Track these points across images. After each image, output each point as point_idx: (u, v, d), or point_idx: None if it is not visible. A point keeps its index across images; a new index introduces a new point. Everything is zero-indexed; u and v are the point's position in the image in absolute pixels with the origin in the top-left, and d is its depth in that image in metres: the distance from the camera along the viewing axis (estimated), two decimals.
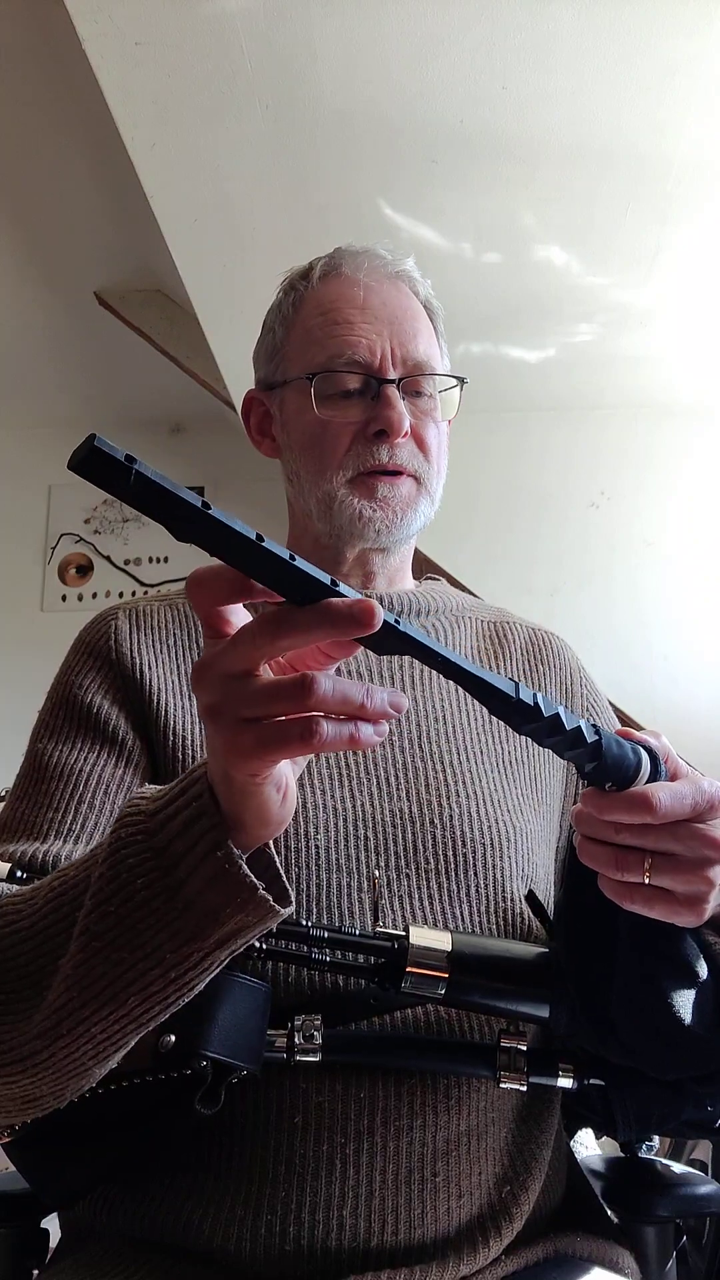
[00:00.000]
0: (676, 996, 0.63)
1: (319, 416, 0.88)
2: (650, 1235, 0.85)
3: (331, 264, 0.93)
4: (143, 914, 0.53)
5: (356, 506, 0.88)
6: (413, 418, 0.89)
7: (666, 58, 1.86)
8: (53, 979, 0.57)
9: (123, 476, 0.39)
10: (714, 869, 0.54)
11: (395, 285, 0.92)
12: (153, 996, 0.55)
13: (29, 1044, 0.58)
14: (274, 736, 0.46)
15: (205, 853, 0.51)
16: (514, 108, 1.98)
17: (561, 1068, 0.73)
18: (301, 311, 0.93)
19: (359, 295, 0.90)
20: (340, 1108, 0.70)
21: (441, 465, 0.93)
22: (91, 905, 0.55)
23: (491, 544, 2.97)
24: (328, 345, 0.88)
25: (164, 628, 0.89)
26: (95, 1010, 0.55)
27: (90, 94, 1.98)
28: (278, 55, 1.87)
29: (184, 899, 0.52)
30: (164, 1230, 0.70)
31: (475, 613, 1.00)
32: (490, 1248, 0.70)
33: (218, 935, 0.53)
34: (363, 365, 0.87)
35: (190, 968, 0.54)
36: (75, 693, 0.84)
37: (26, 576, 3.72)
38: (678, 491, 2.99)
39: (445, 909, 0.77)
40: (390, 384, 0.87)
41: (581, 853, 0.56)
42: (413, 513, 0.90)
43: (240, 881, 0.51)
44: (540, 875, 0.84)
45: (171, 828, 0.53)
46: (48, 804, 0.77)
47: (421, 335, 0.90)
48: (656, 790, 0.53)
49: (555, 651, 0.98)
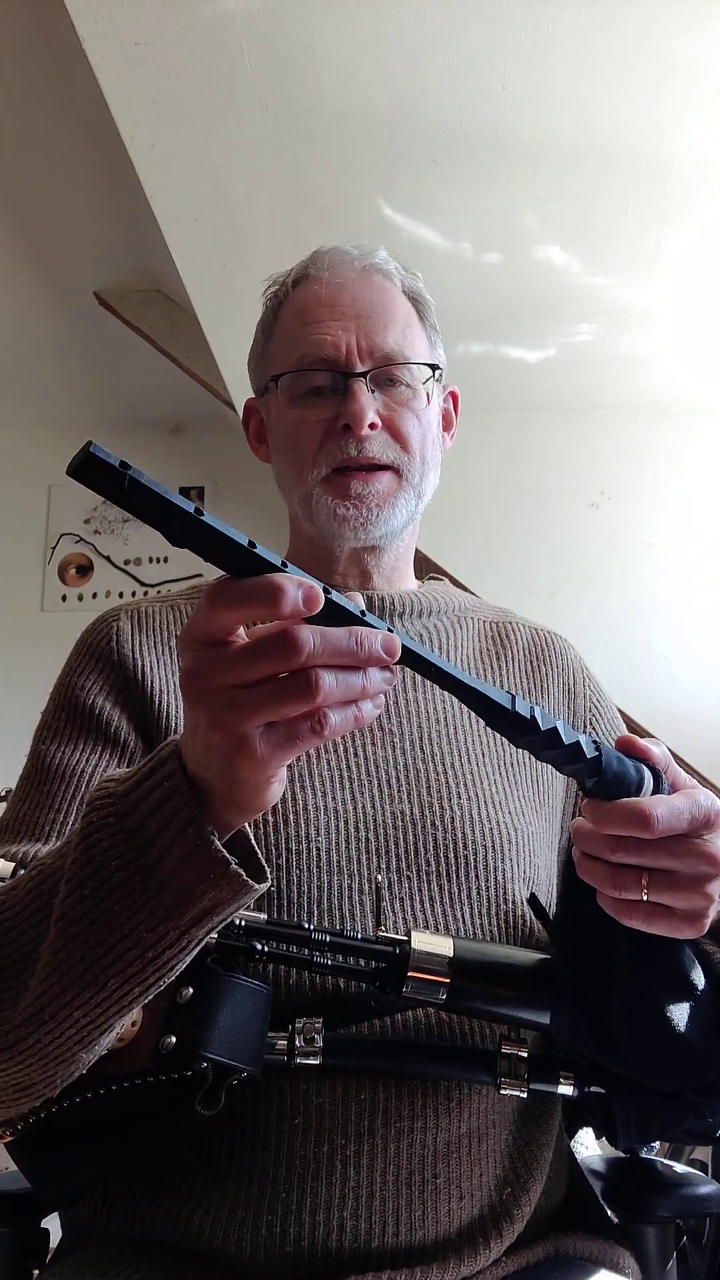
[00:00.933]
0: (674, 1008, 0.63)
1: (292, 416, 0.89)
2: (650, 1235, 0.85)
3: (304, 268, 0.95)
4: (118, 896, 0.53)
5: (330, 505, 0.88)
6: (386, 409, 0.89)
7: (666, 57, 1.86)
8: (34, 966, 0.57)
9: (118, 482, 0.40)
10: (712, 884, 0.54)
11: (366, 279, 0.92)
12: (132, 978, 0.55)
13: (14, 1031, 0.58)
14: (286, 737, 0.46)
15: (178, 831, 0.51)
16: (514, 108, 1.97)
17: (562, 1075, 0.73)
18: (280, 317, 0.94)
19: (327, 294, 0.91)
20: (341, 1109, 0.70)
21: (426, 455, 0.92)
22: (67, 891, 0.55)
23: (491, 544, 2.97)
24: (298, 346, 0.89)
25: (165, 629, 0.89)
26: (76, 994, 0.55)
27: (90, 94, 1.98)
28: (278, 55, 1.87)
29: (158, 879, 0.52)
30: (165, 1231, 0.70)
31: (477, 613, 1.00)
32: (491, 1249, 0.70)
33: (192, 913, 0.53)
34: (329, 361, 0.88)
35: (167, 947, 0.54)
36: (77, 694, 0.84)
37: (26, 576, 3.72)
38: (678, 491, 2.99)
39: (446, 911, 0.77)
40: (356, 378, 0.87)
41: (580, 869, 0.56)
42: (390, 508, 0.89)
43: (213, 857, 0.51)
44: (542, 877, 0.84)
45: (143, 808, 0.53)
46: (50, 805, 0.77)
47: (394, 326, 0.90)
48: (653, 805, 0.53)
49: (558, 652, 0.98)
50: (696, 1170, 0.86)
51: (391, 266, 0.95)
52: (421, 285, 0.97)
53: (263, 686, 0.45)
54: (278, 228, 2.24)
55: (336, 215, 2.24)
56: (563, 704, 0.94)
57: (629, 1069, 0.69)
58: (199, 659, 0.46)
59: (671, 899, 0.54)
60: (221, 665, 0.46)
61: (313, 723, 0.45)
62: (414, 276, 0.96)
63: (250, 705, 0.45)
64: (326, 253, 0.94)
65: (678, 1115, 0.73)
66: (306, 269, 0.94)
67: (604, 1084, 0.73)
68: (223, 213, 2.24)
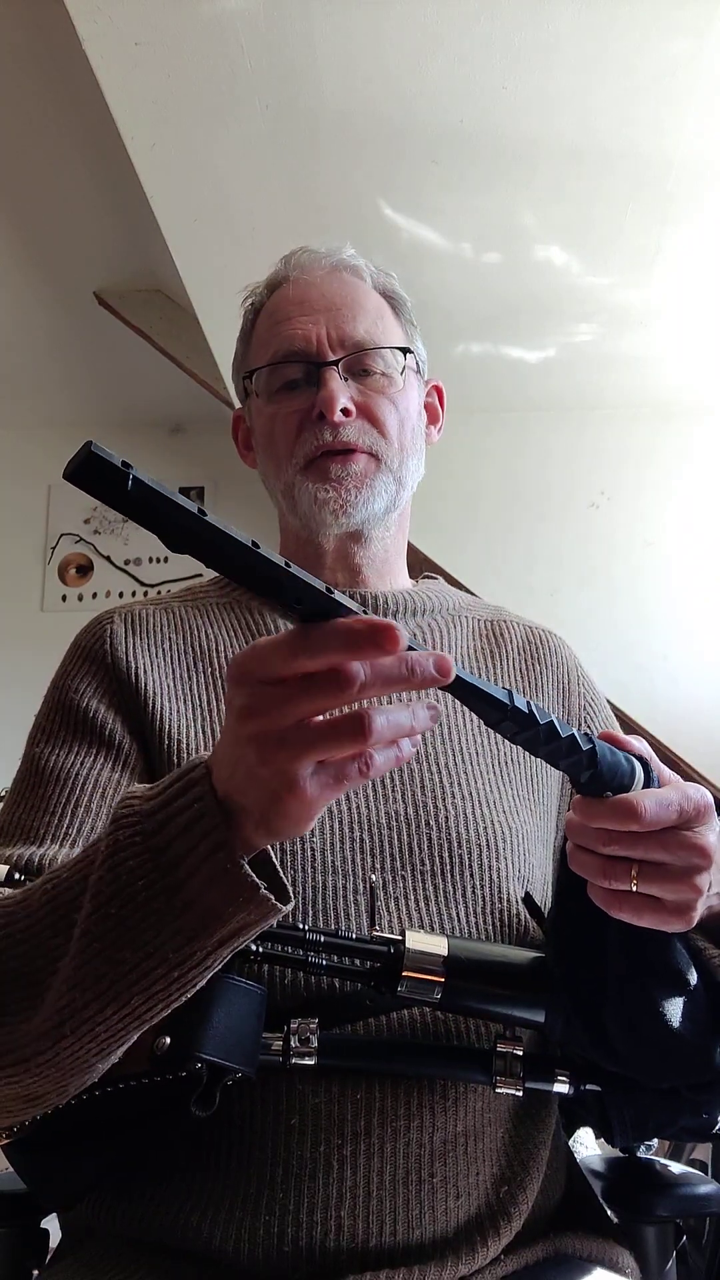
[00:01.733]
0: (668, 1005, 0.63)
1: (268, 411, 0.91)
2: (650, 1235, 0.85)
3: (276, 274, 0.97)
4: (143, 914, 0.53)
5: (311, 490, 0.89)
6: (361, 396, 0.90)
7: (667, 58, 1.86)
8: (51, 980, 0.57)
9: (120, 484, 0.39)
10: (701, 876, 0.54)
11: (334, 276, 0.94)
12: (156, 995, 0.55)
13: (32, 1044, 0.58)
14: (334, 777, 0.47)
15: (207, 853, 0.51)
16: (514, 108, 1.97)
17: (558, 1073, 0.73)
18: (256, 323, 0.97)
19: (296, 293, 0.93)
20: (337, 1109, 0.70)
21: (405, 442, 0.92)
22: (92, 908, 0.55)
23: (491, 544, 2.97)
24: (271, 344, 0.92)
25: (159, 631, 0.89)
26: (99, 1010, 0.55)
27: (90, 94, 1.98)
28: (278, 55, 1.87)
29: (184, 899, 0.52)
30: (163, 1231, 0.70)
31: (472, 611, 1.00)
32: (489, 1248, 0.70)
33: (220, 934, 0.53)
34: (300, 354, 0.90)
35: (193, 966, 0.54)
36: (71, 696, 0.84)
37: (26, 576, 3.72)
38: (678, 491, 2.99)
39: (441, 910, 0.77)
40: (327, 366, 0.88)
41: (571, 861, 0.56)
42: (369, 490, 0.89)
43: (242, 881, 0.51)
44: (537, 876, 0.84)
45: (171, 829, 0.53)
46: (44, 808, 0.77)
47: (363, 317, 0.91)
48: (642, 798, 0.53)
49: (552, 650, 0.98)
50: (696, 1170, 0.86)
51: (360, 263, 0.96)
52: (395, 283, 0.98)
53: (315, 726, 0.46)
54: (278, 228, 2.24)
55: (336, 215, 2.24)
56: (557, 702, 0.95)
57: (624, 1066, 0.68)
58: (255, 696, 0.47)
59: (661, 890, 0.54)
60: (279, 704, 0.46)
61: (360, 764, 0.47)
62: (387, 275, 0.98)
63: (302, 746, 0.46)
64: (296, 254, 0.97)
65: (674, 1113, 0.73)
66: (278, 273, 0.97)
67: (600, 1082, 0.73)
68: (223, 213, 2.24)
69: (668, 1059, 0.66)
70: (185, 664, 0.87)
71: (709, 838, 0.54)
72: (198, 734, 0.82)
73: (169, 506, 0.40)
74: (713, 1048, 0.66)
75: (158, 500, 0.40)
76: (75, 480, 0.39)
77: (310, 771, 0.47)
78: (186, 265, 2.40)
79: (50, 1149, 0.70)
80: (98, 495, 0.40)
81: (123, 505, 0.40)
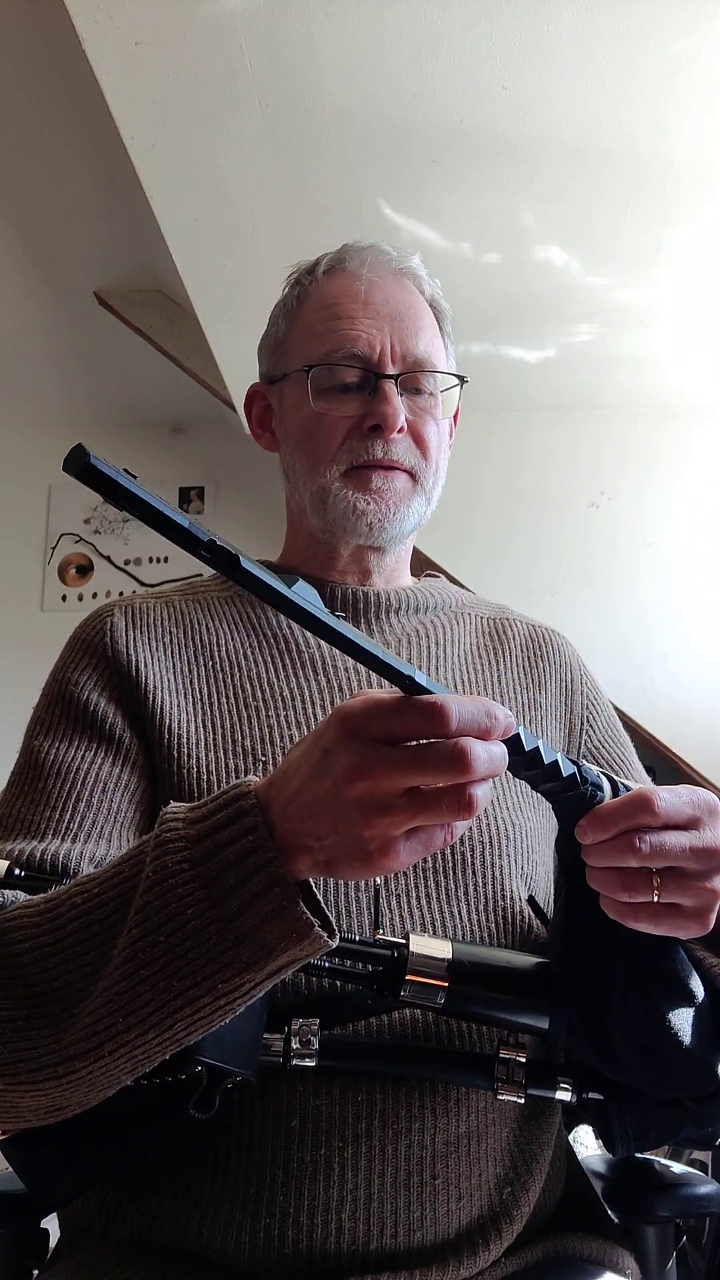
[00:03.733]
0: (673, 1017, 0.63)
1: (315, 410, 0.88)
2: (650, 1235, 0.85)
3: (336, 259, 0.93)
4: (193, 944, 0.54)
5: (350, 499, 0.87)
6: (411, 414, 0.89)
7: (667, 58, 1.86)
8: (83, 997, 0.57)
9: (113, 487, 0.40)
10: (716, 878, 0.55)
11: (400, 282, 0.92)
12: (199, 1021, 0.56)
13: (65, 1062, 0.58)
14: (424, 844, 0.49)
15: (262, 889, 0.52)
16: (515, 108, 1.97)
17: (560, 1081, 0.72)
18: (305, 306, 0.93)
19: (361, 290, 0.90)
20: (338, 1111, 0.70)
21: (440, 464, 0.92)
22: (139, 934, 0.55)
23: (491, 544, 2.97)
24: (328, 339, 0.88)
25: (160, 625, 0.88)
26: (140, 1034, 0.56)
27: (90, 94, 1.98)
28: (278, 55, 1.86)
29: (236, 931, 0.53)
30: (163, 1233, 0.70)
31: (475, 609, 0.99)
32: (490, 1249, 0.70)
33: (270, 967, 0.54)
34: (361, 359, 0.87)
35: (240, 996, 0.55)
36: (71, 689, 0.83)
37: (26, 576, 3.72)
38: (678, 491, 2.99)
39: (443, 907, 0.77)
40: (388, 379, 0.87)
41: (591, 878, 0.56)
42: (406, 508, 0.89)
43: (298, 919, 0.52)
44: (540, 873, 0.83)
45: (223, 858, 0.53)
46: (45, 802, 0.77)
47: (424, 333, 0.90)
48: (655, 792, 0.53)
49: (555, 648, 0.98)
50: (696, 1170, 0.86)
51: (423, 273, 0.95)
52: (441, 294, 0.96)
53: (423, 794, 0.47)
54: (278, 228, 2.24)
55: (337, 215, 2.23)
56: (560, 701, 0.94)
57: (626, 1076, 0.68)
58: (366, 756, 0.47)
59: (682, 896, 0.54)
60: (391, 770, 0.47)
61: (448, 833, 0.48)
62: (436, 284, 0.96)
63: (409, 815, 0.47)
64: (364, 249, 0.93)
65: (676, 1123, 0.72)
66: (340, 261, 0.93)
67: (602, 1090, 0.73)
68: (223, 213, 2.24)
69: (669, 1070, 0.66)
70: (186, 658, 0.86)
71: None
72: (197, 728, 0.81)
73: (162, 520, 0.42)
74: (715, 1061, 0.65)
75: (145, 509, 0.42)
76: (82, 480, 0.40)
77: (404, 837, 0.48)
78: (186, 265, 2.40)
79: (48, 1146, 0.70)
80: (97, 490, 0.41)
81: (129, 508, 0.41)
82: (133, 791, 0.79)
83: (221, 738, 0.81)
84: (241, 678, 0.85)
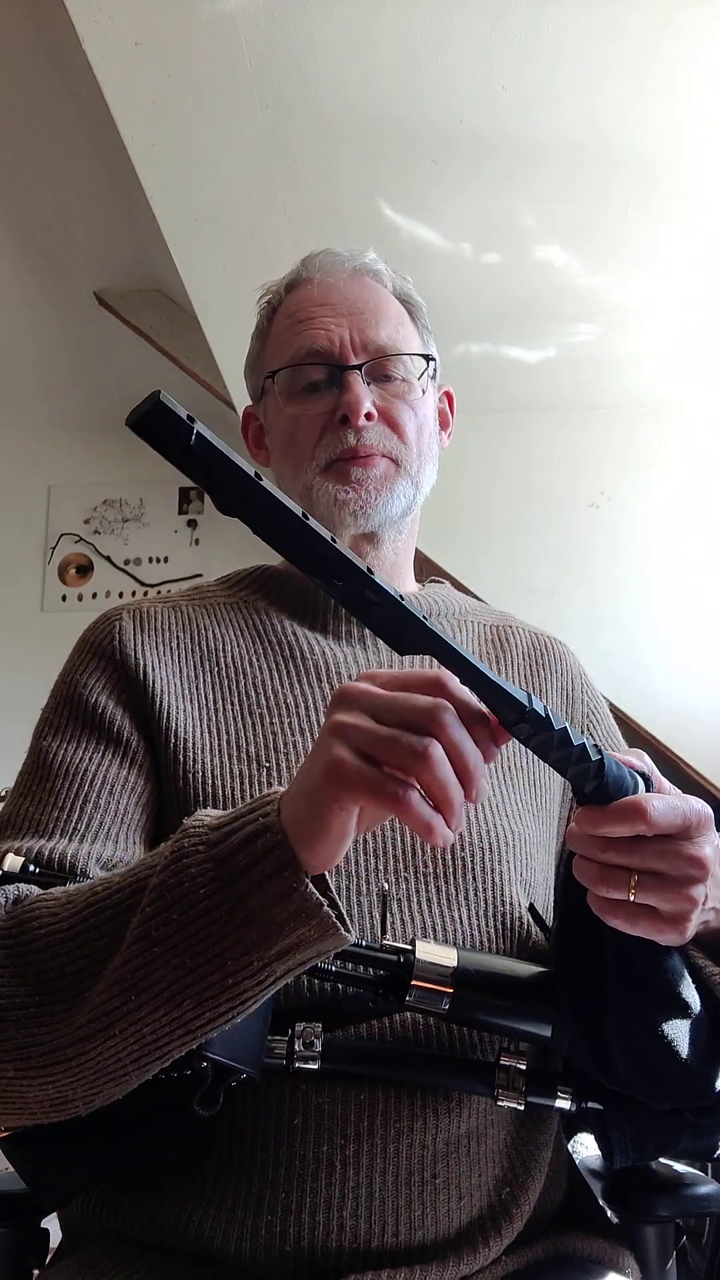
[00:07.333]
0: (668, 1027, 0.63)
1: (289, 413, 0.91)
2: (650, 1235, 0.85)
3: (296, 273, 0.97)
4: (204, 921, 0.55)
5: (331, 491, 0.89)
6: (382, 401, 0.90)
7: (667, 58, 1.86)
8: (95, 980, 0.58)
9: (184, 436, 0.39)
10: (697, 888, 0.54)
11: (357, 279, 0.94)
12: (207, 1001, 0.56)
13: (74, 1044, 0.59)
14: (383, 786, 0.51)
15: (272, 871, 0.54)
16: (514, 108, 1.97)
17: (560, 1090, 0.72)
18: (274, 321, 0.96)
19: (319, 293, 0.93)
20: (340, 1109, 0.70)
21: (423, 448, 0.93)
22: (152, 911, 0.57)
23: (492, 544, 2.97)
24: (293, 344, 0.91)
25: (167, 629, 0.89)
26: (150, 1011, 0.57)
27: (90, 94, 1.98)
28: (278, 55, 1.87)
29: (246, 910, 0.54)
30: (164, 1231, 0.70)
31: (478, 616, 1.00)
32: (490, 1248, 0.70)
33: (279, 947, 0.55)
34: (323, 354, 0.90)
35: (248, 976, 0.56)
36: (79, 691, 0.84)
37: (26, 576, 3.72)
38: (678, 491, 2.99)
39: (444, 913, 0.77)
40: (351, 370, 0.89)
41: (575, 868, 0.56)
42: (389, 492, 0.90)
43: (306, 899, 0.53)
44: (539, 880, 0.84)
45: (234, 840, 0.55)
46: (53, 802, 0.77)
47: (386, 322, 0.92)
48: (650, 799, 0.53)
49: (557, 656, 0.98)
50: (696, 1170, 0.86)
51: (381, 267, 0.97)
52: (412, 289, 0.98)
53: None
54: (278, 228, 2.24)
55: (336, 215, 2.23)
56: (561, 708, 0.95)
57: (625, 1086, 0.68)
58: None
59: (658, 900, 0.54)
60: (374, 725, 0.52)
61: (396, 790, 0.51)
62: (404, 280, 0.98)
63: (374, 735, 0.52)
64: (317, 256, 0.96)
65: (675, 1134, 0.72)
66: (299, 274, 0.96)
67: (601, 1100, 0.73)
68: (223, 213, 2.24)
69: (667, 1081, 0.66)
70: (192, 663, 0.87)
71: (706, 850, 0.54)
72: (203, 733, 0.82)
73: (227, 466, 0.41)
74: (712, 1074, 0.66)
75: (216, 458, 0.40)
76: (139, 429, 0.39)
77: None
78: (186, 265, 2.40)
79: (50, 1144, 0.70)
80: (159, 447, 0.40)
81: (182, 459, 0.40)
82: (139, 794, 0.79)
83: (226, 743, 0.81)
84: (246, 684, 0.85)
